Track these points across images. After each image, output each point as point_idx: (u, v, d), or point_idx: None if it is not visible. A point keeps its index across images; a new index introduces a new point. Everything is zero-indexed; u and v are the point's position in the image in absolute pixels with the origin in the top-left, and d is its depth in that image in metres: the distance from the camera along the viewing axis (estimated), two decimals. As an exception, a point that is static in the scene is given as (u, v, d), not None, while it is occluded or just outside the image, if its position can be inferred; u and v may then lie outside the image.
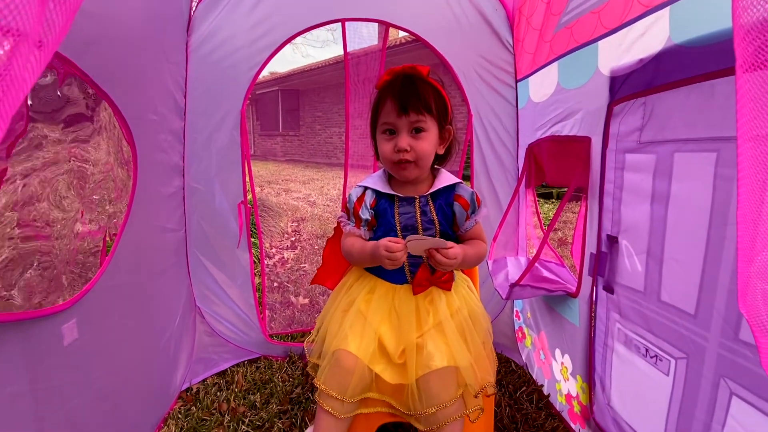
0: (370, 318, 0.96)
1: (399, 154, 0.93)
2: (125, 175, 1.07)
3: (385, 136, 0.96)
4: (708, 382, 0.76)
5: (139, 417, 1.13)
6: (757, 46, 0.40)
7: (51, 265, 0.86)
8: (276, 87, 12.55)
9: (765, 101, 0.41)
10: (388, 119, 0.94)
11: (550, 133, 1.29)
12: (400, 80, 0.93)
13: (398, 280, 1.01)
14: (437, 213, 0.99)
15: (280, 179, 7.31)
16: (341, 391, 0.90)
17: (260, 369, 1.51)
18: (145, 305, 1.16)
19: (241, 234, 1.47)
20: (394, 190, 1.02)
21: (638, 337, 0.94)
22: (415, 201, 1.00)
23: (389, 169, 1.00)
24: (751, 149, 0.43)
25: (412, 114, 0.91)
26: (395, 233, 0.99)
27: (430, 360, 0.91)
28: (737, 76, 0.42)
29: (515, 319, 1.69)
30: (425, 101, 0.92)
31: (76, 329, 0.86)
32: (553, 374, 1.35)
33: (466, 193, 1.00)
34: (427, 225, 0.99)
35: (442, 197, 1.00)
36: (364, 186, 1.03)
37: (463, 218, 1.00)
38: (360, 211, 1.01)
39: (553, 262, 1.43)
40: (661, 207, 0.85)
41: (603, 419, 1.07)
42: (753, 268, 0.44)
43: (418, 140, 0.93)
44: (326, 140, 11.62)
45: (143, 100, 1.12)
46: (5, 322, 0.68)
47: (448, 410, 0.89)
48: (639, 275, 0.92)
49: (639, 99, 0.89)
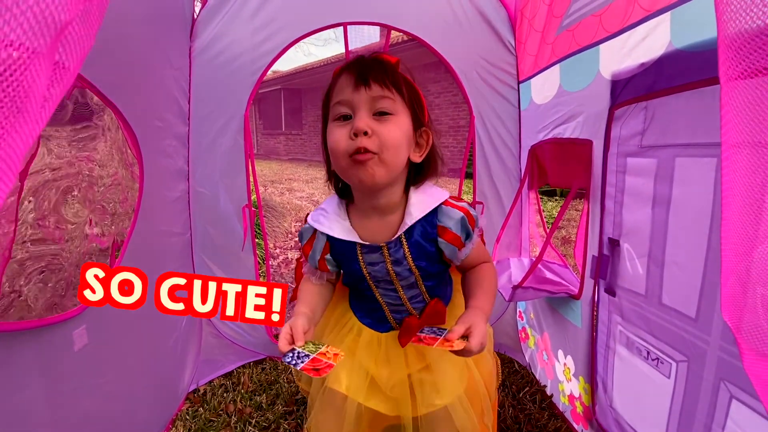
0: (358, 355, 0.84)
1: (356, 141, 0.66)
2: (130, 181, 1.09)
3: (338, 123, 0.69)
4: (708, 384, 0.77)
5: (148, 418, 1.15)
6: (741, 55, 0.40)
7: (61, 268, 0.88)
8: (278, 86, 12.57)
9: (750, 110, 0.41)
10: (343, 96, 0.69)
11: (552, 136, 1.29)
12: (362, 57, 0.72)
13: (382, 329, 0.86)
14: (415, 257, 0.76)
15: (284, 178, 7.33)
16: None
17: (266, 370, 1.53)
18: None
19: (245, 237, 1.48)
20: (354, 226, 0.77)
21: (640, 339, 0.94)
22: (383, 249, 0.76)
23: (343, 171, 0.71)
24: (734, 157, 0.44)
25: (374, 86, 0.67)
26: (366, 283, 0.81)
27: (434, 398, 0.81)
28: (722, 84, 0.43)
29: (518, 320, 1.70)
30: (392, 76, 0.70)
31: (86, 335, 0.88)
32: (556, 375, 1.35)
33: (452, 222, 0.74)
34: (405, 275, 0.78)
35: (417, 230, 0.75)
36: (312, 227, 0.80)
37: (454, 253, 0.77)
38: (309, 256, 0.82)
39: (556, 263, 1.44)
40: (662, 211, 0.86)
41: (605, 420, 1.08)
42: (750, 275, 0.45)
43: (382, 123, 0.67)
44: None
45: (148, 107, 1.13)
46: (20, 330, 0.70)
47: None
48: (640, 278, 0.93)
49: (640, 103, 0.89)
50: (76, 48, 0.33)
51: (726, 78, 0.43)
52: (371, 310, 0.86)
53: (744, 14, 0.40)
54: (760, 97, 0.40)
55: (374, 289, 0.82)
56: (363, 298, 0.87)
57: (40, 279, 0.81)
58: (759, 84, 0.40)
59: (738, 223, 0.45)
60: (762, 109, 0.41)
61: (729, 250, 0.45)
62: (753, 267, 0.44)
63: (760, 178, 0.42)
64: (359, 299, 0.89)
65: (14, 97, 0.27)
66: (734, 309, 0.43)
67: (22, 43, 0.27)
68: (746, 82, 0.40)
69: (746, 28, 0.40)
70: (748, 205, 0.44)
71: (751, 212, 0.44)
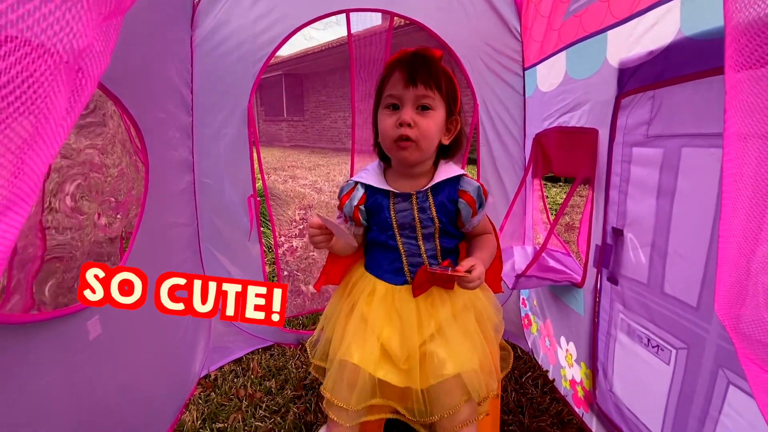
0: (371, 323, 0.92)
1: (400, 129, 0.85)
2: (135, 171, 1.10)
3: (388, 111, 0.88)
4: (707, 371, 0.78)
5: (162, 403, 1.19)
6: (748, 47, 0.40)
7: (72, 257, 0.90)
8: (279, 71, 12.42)
9: (757, 102, 0.41)
10: (394, 91, 0.86)
11: (557, 124, 1.29)
12: (411, 53, 0.87)
13: (397, 281, 0.96)
14: (437, 210, 0.92)
15: (286, 165, 7.32)
16: (346, 401, 0.88)
17: (274, 356, 1.56)
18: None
19: (252, 227, 1.50)
20: (390, 184, 0.94)
21: (641, 327, 0.96)
22: (412, 197, 0.92)
23: (387, 149, 0.91)
24: (737, 148, 0.44)
25: (420, 86, 0.84)
26: (392, 231, 0.94)
27: (442, 369, 0.87)
28: (726, 75, 0.43)
29: (522, 307, 1.72)
30: (435, 77, 0.85)
31: (99, 325, 0.90)
32: (558, 360, 1.38)
33: (471, 187, 0.92)
34: (427, 223, 0.93)
35: (443, 192, 0.92)
36: (354, 180, 0.97)
37: (469, 216, 0.93)
38: (344, 206, 0.96)
39: (559, 252, 1.45)
40: (666, 201, 0.86)
41: (605, 404, 1.11)
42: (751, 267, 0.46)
43: (423, 117, 0.86)
44: (331, 125, 11.55)
45: (151, 99, 1.13)
46: (38, 321, 0.73)
47: (459, 416, 0.86)
48: (643, 267, 0.94)
49: (648, 92, 0.89)
50: (96, 62, 0.34)
51: (731, 69, 0.43)
52: (391, 261, 0.97)
53: (751, 5, 0.40)
54: (766, 88, 0.40)
55: (398, 237, 0.95)
56: (385, 249, 0.97)
57: (53, 269, 0.83)
58: (765, 75, 0.40)
59: (741, 215, 0.45)
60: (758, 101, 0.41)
61: (728, 242, 0.46)
62: (754, 259, 0.45)
63: (766, 170, 0.42)
64: (381, 251, 0.99)
65: (40, 104, 0.28)
66: (729, 306, 0.44)
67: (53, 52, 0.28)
68: (752, 72, 0.40)
69: (753, 19, 0.40)
70: (753, 196, 0.44)
71: (757, 204, 0.44)
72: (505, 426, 1.21)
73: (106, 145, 1.00)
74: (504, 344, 1.05)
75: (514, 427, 1.20)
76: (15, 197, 0.29)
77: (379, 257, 0.99)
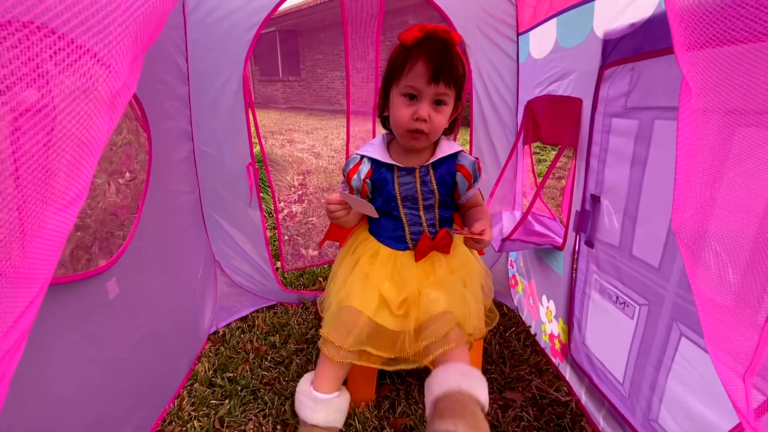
0: (372, 278, 1.01)
1: (417, 123, 0.89)
2: (137, 142, 1.14)
3: (405, 100, 0.90)
4: (663, 325, 0.88)
5: (177, 355, 1.32)
6: (692, 27, 0.45)
7: (89, 225, 0.97)
8: (273, 27, 11.91)
9: (701, 79, 0.47)
10: (416, 83, 0.88)
11: (547, 92, 1.31)
12: (437, 44, 0.86)
13: (399, 247, 1.05)
14: (438, 183, 1.00)
15: (284, 129, 7.24)
16: (341, 340, 0.97)
17: (277, 314, 1.68)
18: (171, 262, 1.30)
19: (252, 194, 1.56)
20: (394, 159, 1.00)
21: (611, 286, 1.05)
22: (415, 171, 0.99)
23: (399, 135, 0.96)
24: (696, 121, 0.50)
25: (441, 85, 0.87)
26: (395, 203, 1.01)
27: (431, 306, 0.96)
28: (677, 54, 0.48)
29: (509, 268, 1.83)
30: (456, 73, 0.87)
31: (117, 286, 0.99)
32: (540, 317, 1.50)
33: (467, 162, 1.00)
34: (428, 195, 1.00)
35: (443, 166, 1.00)
36: (360, 154, 1.03)
37: (465, 188, 1.01)
38: (352, 179, 1.01)
39: (545, 216, 1.52)
40: (639, 171, 0.92)
41: (578, 355, 1.22)
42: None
43: (437, 113, 0.90)
44: (328, 85, 11.26)
45: (147, 71, 1.15)
46: (61, 283, 0.81)
47: (448, 342, 0.92)
48: (616, 232, 1.01)
49: (628, 64, 0.91)
50: (126, 96, 0.40)
51: (684, 48, 0.47)
52: (394, 229, 1.05)
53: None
54: (709, 66, 0.45)
55: (401, 207, 1.02)
56: (389, 218, 1.05)
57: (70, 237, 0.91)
58: (707, 55, 0.45)
59: (698, 181, 0.52)
60: (710, 78, 0.46)
61: (684, 199, 0.53)
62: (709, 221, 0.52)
63: (723, 141, 0.48)
64: (385, 220, 1.06)
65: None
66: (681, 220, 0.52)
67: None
68: (709, 51, 0.45)
69: (691, 2, 0.44)
70: (711, 165, 0.50)
71: (712, 171, 0.50)
72: (488, 374, 1.33)
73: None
74: (492, 307, 1.15)
75: (496, 375, 1.33)
76: (76, 197, 0.37)
77: (383, 224, 1.06)
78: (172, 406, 1.19)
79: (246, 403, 1.22)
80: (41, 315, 0.76)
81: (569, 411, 1.18)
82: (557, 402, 1.22)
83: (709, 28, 0.43)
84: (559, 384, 1.29)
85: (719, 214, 0.49)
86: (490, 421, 1.14)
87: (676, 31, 0.47)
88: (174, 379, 1.27)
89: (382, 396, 1.24)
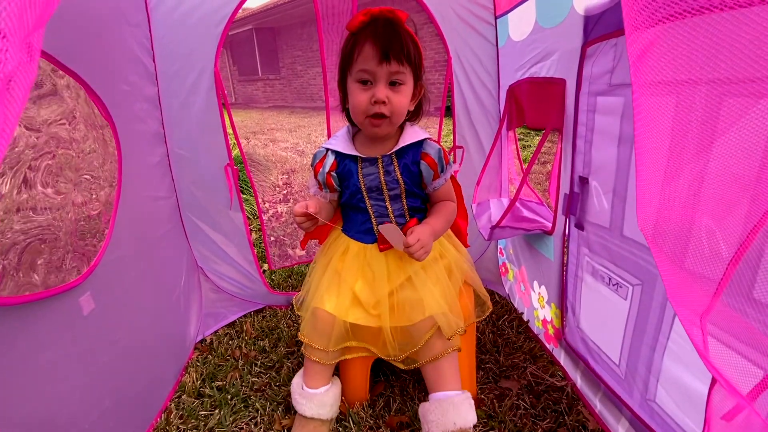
0: (344, 276, 1.01)
1: (375, 107, 0.87)
2: (104, 148, 1.08)
3: (360, 86, 0.89)
4: (658, 304, 0.87)
5: (163, 368, 1.26)
6: (640, 7, 0.47)
7: (56, 238, 0.91)
8: (249, 25, 11.66)
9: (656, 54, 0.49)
10: (366, 66, 0.86)
11: (529, 75, 1.29)
12: (381, 23, 0.84)
13: (368, 240, 1.04)
14: (402, 172, 0.97)
15: (266, 128, 7.12)
16: (323, 343, 0.98)
17: (266, 318, 1.64)
18: (150, 271, 1.24)
19: (232, 196, 1.50)
20: (358, 149, 0.98)
21: (603, 268, 1.04)
22: (378, 161, 0.97)
23: (360, 123, 0.94)
24: (644, 95, 0.52)
25: (393, 63, 0.84)
26: (361, 195, 1.00)
27: (412, 314, 0.95)
28: (627, 34, 0.51)
29: (499, 256, 1.81)
30: (407, 50, 0.85)
31: (92, 300, 0.94)
32: (532, 303, 1.48)
33: (432, 150, 0.97)
34: (392, 185, 0.98)
35: (407, 155, 0.97)
36: (325, 148, 1.02)
37: (430, 177, 0.98)
38: (318, 174, 1.01)
39: (533, 202, 1.50)
40: (626, 149, 0.90)
41: (573, 339, 1.21)
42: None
43: (395, 93, 0.88)
44: (309, 82, 11.10)
45: (112, 71, 1.09)
46: (31, 301, 0.76)
47: (433, 349, 0.95)
48: (606, 213, 1.00)
49: (611, 40, 0.89)
50: (26, 74, 0.34)
51: (629, 29, 0.50)
52: (362, 222, 1.04)
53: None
54: (661, 42, 0.47)
55: (366, 199, 1.00)
56: (356, 211, 1.04)
57: (39, 251, 0.85)
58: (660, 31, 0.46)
59: (663, 148, 0.56)
60: (663, 54, 0.48)
61: (646, 167, 0.54)
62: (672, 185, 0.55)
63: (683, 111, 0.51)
64: (354, 213, 1.05)
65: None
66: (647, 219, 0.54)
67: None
68: (661, 27, 0.46)
69: None
70: (672, 133, 0.54)
71: (657, 141, 0.56)
72: (483, 364, 1.32)
73: (70, 120, 0.97)
74: (484, 293, 1.13)
75: (491, 364, 1.32)
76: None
77: (352, 218, 1.05)
78: (160, 421, 1.15)
79: (237, 411, 1.17)
80: (8, 338, 0.72)
81: (565, 396, 1.17)
82: (553, 387, 1.21)
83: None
84: (554, 369, 1.28)
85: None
86: (486, 413, 1.12)
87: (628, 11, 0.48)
88: (160, 393, 1.22)
89: (377, 394, 1.21)
